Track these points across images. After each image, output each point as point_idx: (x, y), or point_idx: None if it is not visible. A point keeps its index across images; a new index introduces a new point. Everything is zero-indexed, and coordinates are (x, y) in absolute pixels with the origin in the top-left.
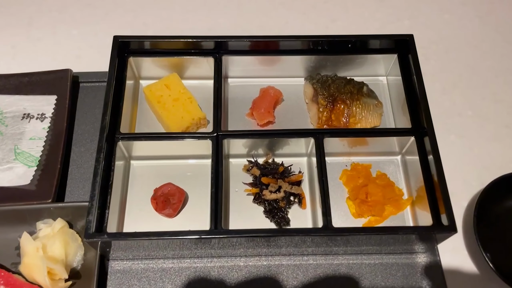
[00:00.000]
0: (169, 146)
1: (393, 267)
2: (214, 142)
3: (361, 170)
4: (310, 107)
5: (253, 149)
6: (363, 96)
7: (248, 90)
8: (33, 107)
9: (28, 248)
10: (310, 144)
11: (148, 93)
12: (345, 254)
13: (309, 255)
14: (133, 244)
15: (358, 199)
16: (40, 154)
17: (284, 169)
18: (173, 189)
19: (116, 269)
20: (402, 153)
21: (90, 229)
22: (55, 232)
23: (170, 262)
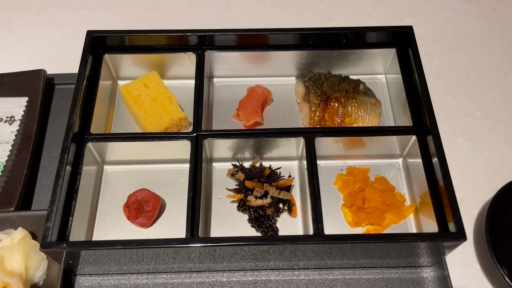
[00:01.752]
0: (145, 149)
1: (395, 283)
2: (193, 142)
3: (357, 174)
4: (301, 107)
5: (238, 152)
6: (359, 94)
7: (235, 90)
8: (1, 110)
9: None
10: (300, 145)
11: (125, 92)
12: (341, 268)
13: (301, 269)
14: (100, 255)
15: (355, 205)
16: (6, 159)
17: (270, 172)
18: (147, 196)
19: (83, 285)
20: (403, 156)
21: (47, 237)
22: (15, 242)
23: (144, 277)
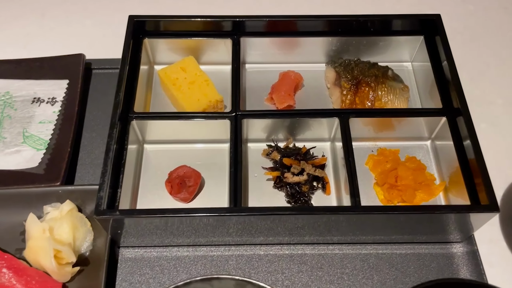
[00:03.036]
0: (185, 128)
1: (426, 258)
2: (232, 122)
3: (388, 155)
4: (332, 91)
5: (273, 133)
6: (388, 80)
7: (266, 76)
8: (43, 91)
9: (33, 230)
10: (334, 126)
11: (163, 75)
12: (373, 243)
13: (335, 244)
14: (146, 225)
15: (387, 183)
16: (50, 137)
17: (306, 151)
18: (189, 171)
19: (127, 257)
20: (431, 138)
21: (101, 205)
22: (63, 214)
23: (185, 250)
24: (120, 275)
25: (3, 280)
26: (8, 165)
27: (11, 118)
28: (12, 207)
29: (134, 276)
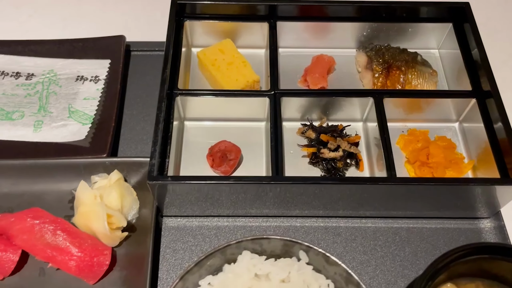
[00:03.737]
0: (224, 106)
1: (455, 232)
2: (271, 99)
3: (419, 135)
4: (363, 75)
5: (307, 113)
6: (417, 64)
7: (299, 59)
8: (86, 70)
9: (85, 196)
10: (368, 106)
11: (203, 56)
12: (404, 217)
13: (368, 217)
14: (192, 193)
15: (419, 161)
16: (94, 113)
17: (342, 128)
18: (229, 146)
19: (170, 226)
20: (459, 120)
21: (153, 172)
22: (112, 183)
23: (225, 220)
24: (164, 243)
25: (58, 242)
26: (56, 138)
27: (56, 94)
28: (61, 177)
29: (177, 244)
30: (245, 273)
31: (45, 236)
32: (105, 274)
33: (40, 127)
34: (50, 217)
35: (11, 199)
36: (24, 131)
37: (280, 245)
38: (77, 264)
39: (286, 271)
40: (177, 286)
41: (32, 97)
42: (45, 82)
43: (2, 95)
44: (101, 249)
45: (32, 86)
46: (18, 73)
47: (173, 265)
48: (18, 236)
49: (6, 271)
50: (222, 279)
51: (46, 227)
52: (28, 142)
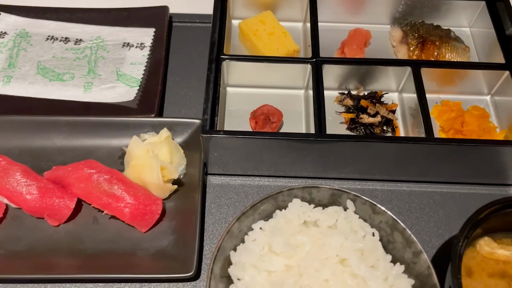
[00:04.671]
0: (265, 73)
1: (487, 198)
2: (313, 66)
3: (452, 105)
4: (398, 49)
5: (344, 82)
6: (451, 40)
7: (335, 34)
8: (132, 37)
9: (138, 150)
10: (405, 75)
11: (244, 26)
12: (438, 182)
13: (403, 181)
14: (240, 149)
15: (453, 129)
16: (141, 77)
17: (381, 95)
18: (272, 109)
19: (214, 183)
20: (491, 93)
21: (206, 126)
22: (162, 139)
23: (266, 180)
24: (208, 198)
25: (114, 190)
26: (105, 98)
27: (104, 59)
28: (111, 134)
29: (221, 199)
30: (295, 219)
31: (101, 184)
32: (156, 223)
33: (90, 88)
34: (105, 168)
35: (64, 153)
36: (74, 91)
37: (329, 194)
38: (131, 212)
39: (334, 218)
40: (234, 226)
41: (81, 60)
42: (93, 47)
43: (52, 58)
44: (154, 199)
45: (81, 51)
46: (67, 38)
47: (218, 219)
48: (74, 184)
49: (62, 218)
50: (273, 224)
51: (102, 176)
52: (79, 102)
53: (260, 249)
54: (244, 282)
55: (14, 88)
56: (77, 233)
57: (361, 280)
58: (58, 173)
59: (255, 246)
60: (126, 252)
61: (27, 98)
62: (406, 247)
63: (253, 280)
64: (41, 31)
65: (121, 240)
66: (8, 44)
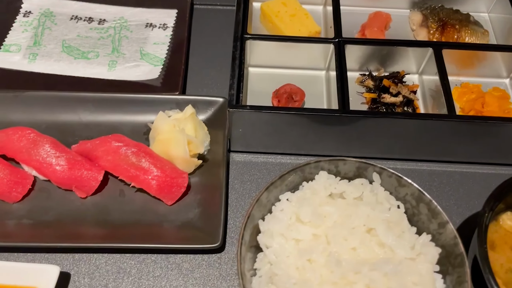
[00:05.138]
0: (287, 53)
1: (507, 178)
2: (336, 46)
3: (472, 88)
4: (418, 32)
5: (365, 64)
6: (470, 24)
7: (355, 17)
8: (155, 18)
9: (164, 125)
10: (426, 57)
11: (266, 8)
12: (457, 162)
13: (423, 161)
14: (264, 124)
15: (473, 109)
16: (165, 56)
17: (404, 74)
18: (295, 88)
19: (237, 160)
20: (510, 77)
21: (232, 100)
22: (186, 116)
23: (287, 158)
24: (232, 174)
25: (141, 162)
26: (129, 76)
27: (128, 38)
28: (136, 111)
29: (244, 176)
30: (322, 190)
31: (129, 157)
32: (181, 197)
33: (114, 66)
34: (132, 141)
35: (90, 128)
36: (99, 69)
37: (355, 167)
38: (158, 184)
39: (360, 190)
40: (263, 195)
41: (105, 39)
42: (116, 27)
43: (77, 37)
44: (180, 173)
45: (104, 30)
46: (91, 18)
47: (241, 194)
48: (102, 157)
49: (90, 190)
50: (299, 195)
51: (129, 149)
52: (103, 80)
53: (287, 218)
54: (273, 250)
55: (39, 65)
56: (104, 205)
57: (388, 249)
58: (86, 147)
59: (283, 216)
60: (152, 224)
61: (53, 75)
62: (432, 218)
63: (281, 248)
64: (65, 11)
65: (147, 212)
66: (33, 23)
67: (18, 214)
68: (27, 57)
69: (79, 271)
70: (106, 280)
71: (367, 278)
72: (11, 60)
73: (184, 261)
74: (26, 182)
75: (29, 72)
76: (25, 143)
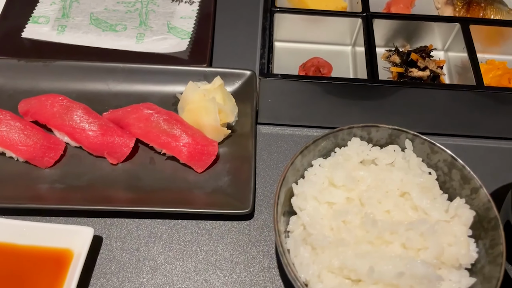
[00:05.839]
0: (314, 27)
1: None
2: (364, 21)
3: (498, 65)
4: (443, 10)
5: (391, 39)
6: (495, 2)
7: None
8: None
9: (194, 95)
10: (452, 33)
11: None
12: (484, 137)
13: (448, 135)
14: (292, 94)
15: (500, 85)
16: (192, 30)
17: (432, 49)
18: (322, 61)
19: (264, 132)
20: None
21: (264, 69)
22: (215, 87)
23: (314, 131)
24: (259, 146)
25: (172, 130)
26: (157, 48)
27: (155, 12)
28: (164, 82)
29: (271, 147)
30: (354, 156)
31: (160, 124)
32: (210, 165)
33: (142, 39)
34: (163, 110)
35: (119, 98)
36: (127, 41)
37: (387, 134)
38: (189, 151)
39: (392, 157)
40: (297, 159)
41: (132, 13)
42: (143, 1)
43: (104, 10)
44: (210, 141)
45: (131, 4)
46: None
47: (268, 164)
48: (134, 124)
49: (121, 156)
50: (332, 161)
51: (161, 116)
52: (131, 52)
53: (321, 182)
54: (307, 212)
55: (68, 37)
56: (134, 172)
57: (422, 212)
58: (117, 114)
59: (316, 179)
60: (183, 190)
61: (81, 46)
62: (464, 184)
63: (315, 210)
64: None
65: (177, 179)
66: None
67: (50, 179)
68: (55, 28)
69: (110, 235)
70: (137, 244)
71: (404, 237)
72: (40, 31)
73: (214, 227)
74: (58, 147)
75: (58, 43)
76: (58, 109)
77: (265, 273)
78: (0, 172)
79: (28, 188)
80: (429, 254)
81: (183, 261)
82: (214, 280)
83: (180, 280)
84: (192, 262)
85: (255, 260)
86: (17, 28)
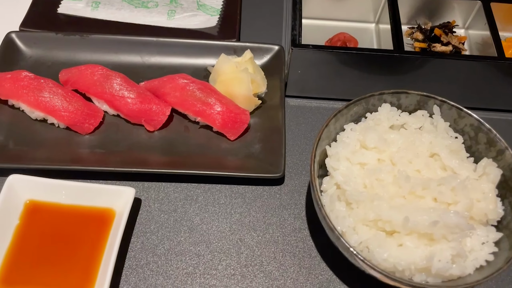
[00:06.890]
0: (339, 3)
1: None
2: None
3: None
4: None
5: (414, 17)
6: None
7: None
8: None
9: (226, 66)
10: (474, 11)
11: None
12: (504, 111)
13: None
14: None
15: None
16: (221, 7)
17: (455, 25)
18: (348, 36)
19: (291, 105)
20: None
21: (296, 40)
22: (246, 59)
23: (340, 103)
24: (287, 117)
25: (207, 98)
26: (188, 25)
27: None
28: (196, 56)
29: (299, 118)
30: (385, 121)
31: (196, 93)
32: (242, 134)
33: (173, 15)
34: (197, 80)
35: (153, 70)
36: (158, 18)
37: (416, 100)
38: (222, 118)
39: (421, 122)
40: (331, 121)
41: None
42: None
43: None
44: (242, 110)
45: None
46: None
47: (297, 134)
48: (170, 93)
49: (158, 123)
50: (363, 125)
51: (196, 86)
52: (163, 28)
53: (353, 145)
54: (340, 172)
55: (102, 13)
56: (170, 139)
57: (451, 172)
58: (153, 84)
59: (349, 141)
60: (217, 156)
61: (115, 22)
62: (490, 147)
63: (348, 170)
64: None
65: (212, 146)
66: None
67: (90, 145)
68: (90, 5)
69: (149, 197)
70: (175, 206)
71: (436, 192)
72: (75, 8)
73: (247, 191)
74: (97, 114)
75: (92, 19)
76: (98, 77)
77: (296, 234)
78: (42, 138)
79: (69, 152)
80: (460, 207)
81: (218, 222)
82: (249, 240)
83: (216, 239)
84: (227, 223)
85: (286, 222)
86: (53, 4)
